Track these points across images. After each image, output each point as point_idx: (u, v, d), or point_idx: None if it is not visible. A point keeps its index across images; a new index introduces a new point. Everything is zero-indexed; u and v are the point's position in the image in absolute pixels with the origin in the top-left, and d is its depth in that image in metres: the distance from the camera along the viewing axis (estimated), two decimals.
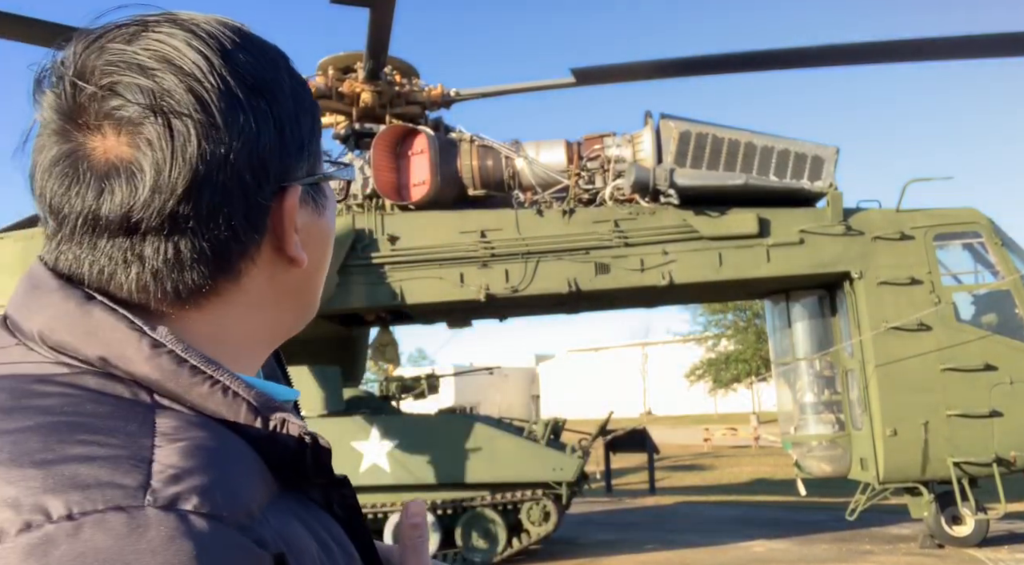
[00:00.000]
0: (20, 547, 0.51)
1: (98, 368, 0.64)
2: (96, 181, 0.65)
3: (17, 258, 9.56)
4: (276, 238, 0.73)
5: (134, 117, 0.65)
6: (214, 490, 0.57)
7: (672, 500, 15.59)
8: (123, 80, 0.65)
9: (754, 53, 9.26)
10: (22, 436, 0.57)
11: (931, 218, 9.36)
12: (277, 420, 0.67)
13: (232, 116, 0.67)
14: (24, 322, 0.68)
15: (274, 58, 0.74)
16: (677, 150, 9.25)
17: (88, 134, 0.66)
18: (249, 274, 0.72)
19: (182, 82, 0.66)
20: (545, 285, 9.31)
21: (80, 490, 0.54)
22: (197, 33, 0.68)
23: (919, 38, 8.90)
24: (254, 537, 0.58)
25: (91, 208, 0.66)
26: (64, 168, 0.66)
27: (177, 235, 0.66)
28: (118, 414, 0.61)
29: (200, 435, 0.61)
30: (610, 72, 9.68)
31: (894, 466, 8.92)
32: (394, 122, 9.83)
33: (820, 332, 9.93)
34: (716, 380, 38.13)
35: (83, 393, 0.62)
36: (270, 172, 0.70)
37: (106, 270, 0.67)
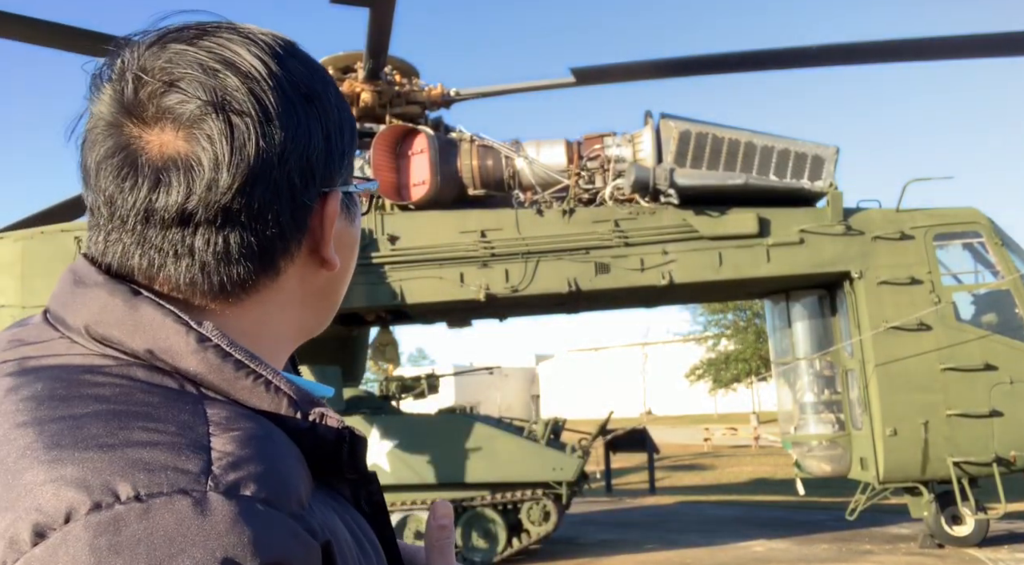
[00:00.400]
0: (91, 525, 0.53)
1: (144, 361, 0.66)
2: (153, 173, 0.67)
3: (17, 258, 9.57)
4: (314, 240, 0.76)
5: (195, 113, 0.67)
6: (270, 478, 0.60)
7: (672, 500, 15.60)
8: (185, 77, 0.68)
9: (754, 53, 9.26)
10: (82, 422, 0.59)
11: (931, 218, 9.36)
12: (316, 414, 0.69)
13: (288, 119, 0.70)
14: (68, 316, 0.69)
15: (322, 72, 0.78)
16: (677, 150, 9.24)
17: (146, 128, 0.68)
18: (287, 273, 0.75)
19: (243, 83, 0.69)
20: (545, 285, 9.30)
21: (146, 473, 0.56)
22: (255, 40, 0.72)
23: (919, 38, 8.90)
24: (305, 526, 0.60)
25: (147, 200, 0.68)
26: (120, 160, 0.68)
27: (228, 229, 0.69)
28: (170, 404, 0.63)
29: (250, 426, 0.63)
30: (610, 72, 9.68)
31: (894, 466, 8.92)
32: (394, 122, 9.83)
33: (820, 332, 9.93)
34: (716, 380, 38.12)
35: (133, 383, 0.64)
36: (316, 176, 0.74)
37: (156, 262, 0.69)
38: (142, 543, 0.53)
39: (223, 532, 0.54)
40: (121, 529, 0.53)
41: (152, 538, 0.53)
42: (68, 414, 0.60)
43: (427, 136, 9.47)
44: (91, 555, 0.52)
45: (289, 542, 0.58)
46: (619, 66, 9.46)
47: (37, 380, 0.64)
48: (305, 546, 0.59)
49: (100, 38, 8.01)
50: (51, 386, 0.63)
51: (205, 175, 0.67)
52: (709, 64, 9.64)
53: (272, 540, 0.56)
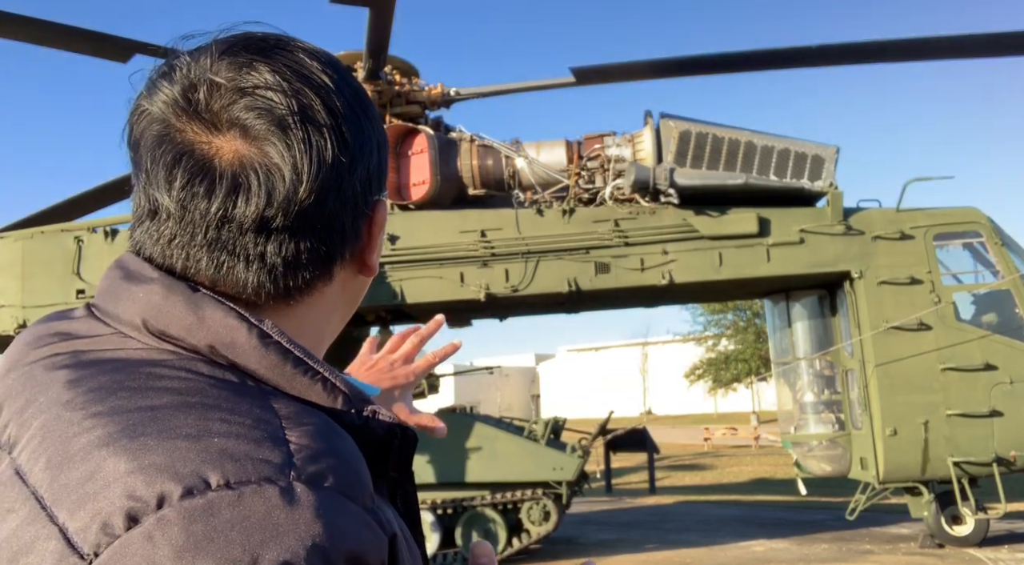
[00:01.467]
0: (185, 510, 0.54)
1: (204, 356, 0.68)
2: (231, 180, 0.68)
3: (17, 258, 9.57)
4: (360, 246, 0.78)
5: (274, 123, 0.69)
6: (346, 471, 0.62)
7: (672, 500, 15.60)
8: (262, 87, 0.70)
9: (754, 53, 9.26)
10: (161, 412, 0.60)
11: (931, 218, 9.36)
12: (369, 411, 0.71)
13: (356, 131, 0.74)
14: (121, 311, 0.70)
15: (363, 87, 0.80)
16: (677, 150, 9.24)
17: (217, 134, 0.69)
18: (338, 278, 0.77)
19: (318, 96, 0.71)
20: (545, 285, 9.30)
21: (233, 462, 0.57)
22: (319, 56, 0.75)
23: (919, 38, 8.90)
24: (376, 518, 0.62)
25: (223, 206, 0.69)
26: (193, 165, 0.69)
27: (300, 236, 0.71)
28: (240, 397, 0.64)
29: (317, 421, 0.65)
30: (610, 72, 9.67)
31: (894, 466, 8.92)
32: (394, 122, 9.83)
33: (820, 332, 9.93)
34: (716, 380, 38.17)
35: (200, 377, 0.65)
36: (373, 184, 0.78)
37: (225, 265, 0.70)
38: (235, 529, 0.54)
39: (310, 521, 0.56)
40: (215, 515, 0.54)
41: (245, 524, 0.54)
42: (145, 404, 0.61)
43: (427, 136, 9.47)
44: (187, 539, 0.53)
45: (366, 533, 0.60)
46: (619, 66, 9.45)
47: (100, 372, 0.65)
48: (378, 538, 0.61)
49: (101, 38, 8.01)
50: (118, 378, 0.64)
51: (286, 184, 0.69)
52: (709, 64, 9.63)
53: (353, 530, 0.58)
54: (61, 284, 9.32)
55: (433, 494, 9.53)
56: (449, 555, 9.69)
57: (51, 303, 9.09)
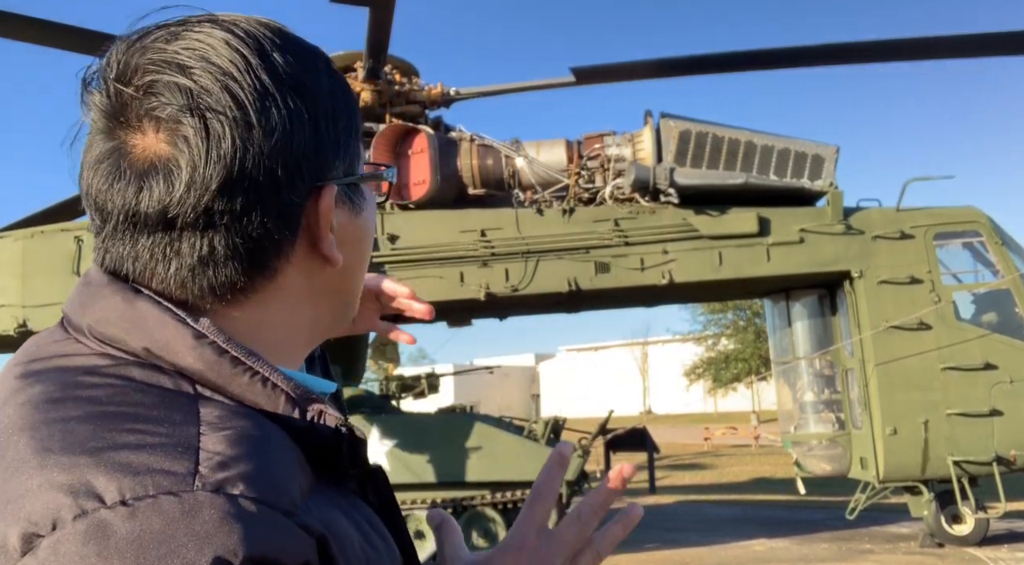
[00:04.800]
0: (78, 533, 0.53)
1: (143, 359, 0.66)
2: (136, 178, 0.67)
3: (17, 258, 9.56)
4: (311, 237, 0.74)
5: (172, 115, 0.66)
6: (259, 476, 0.59)
7: (672, 499, 15.60)
8: (162, 79, 0.67)
9: (754, 52, 9.25)
10: (71, 425, 0.59)
11: (931, 217, 9.36)
12: (315, 411, 0.69)
13: (267, 115, 0.68)
14: (75, 317, 0.70)
15: (313, 58, 0.75)
16: (677, 149, 9.24)
17: (130, 132, 0.68)
18: (285, 272, 0.73)
19: (218, 80, 0.67)
20: (545, 284, 9.30)
21: (132, 476, 0.56)
22: (235, 32, 0.70)
23: (919, 38, 8.90)
24: (299, 522, 0.60)
25: (131, 204, 0.67)
26: (107, 165, 0.68)
27: (211, 232, 0.68)
28: (163, 404, 0.63)
29: (243, 424, 0.63)
30: (610, 71, 9.67)
31: (894, 465, 8.92)
32: (394, 121, 9.83)
33: (820, 331, 9.92)
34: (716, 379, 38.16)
35: (129, 384, 0.64)
36: (305, 171, 0.71)
37: (147, 266, 0.69)
38: (131, 546, 0.53)
39: (211, 531, 0.54)
40: (108, 534, 0.53)
41: (140, 541, 0.53)
42: (59, 417, 0.60)
43: (427, 135, 9.47)
44: (80, 562, 0.52)
45: (278, 539, 0.57)
46: (619, 66, 9.45)
47: (36, 383, 0.65)
48: (297, 542, 0.59)
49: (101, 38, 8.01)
50: (47, 389, 0.64)
51: (183, 178, 0.66)
52: (709, 63, 9.63)
53: (260, 537, 0.56)
54: (61, 284, 9.31)
55: (433, 494, 9.53)
56: None
57: (51, 303, 9.08)
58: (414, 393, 11.98)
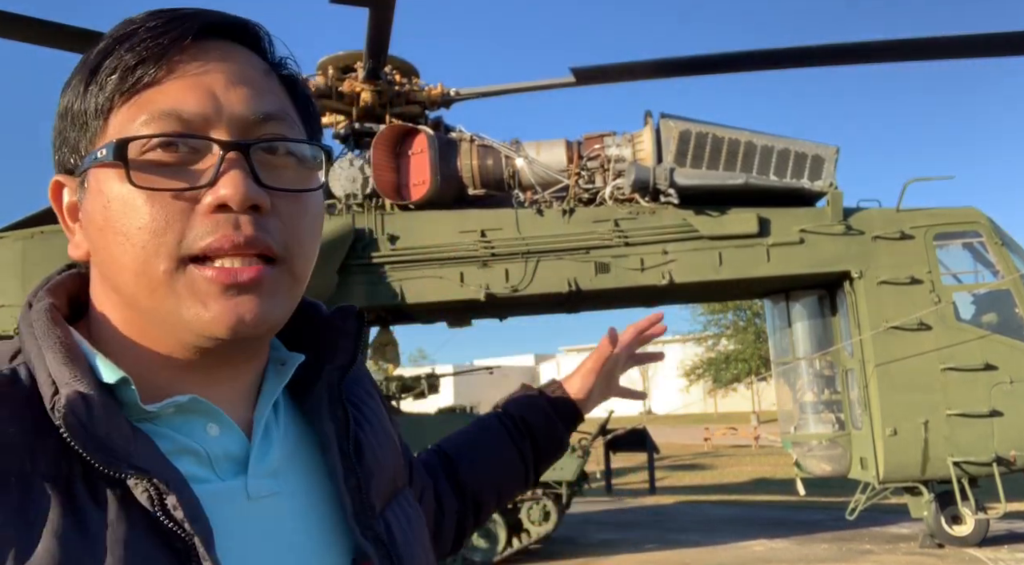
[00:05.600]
0: None
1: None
2: None
3: (17, 258, 9.56)
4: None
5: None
6: None
7: (672, 499, 15.59)
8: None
9: (755, 53, 9.25)
10: None
11: (931, 218, 9.36)
12: (64, 392, 0.67)
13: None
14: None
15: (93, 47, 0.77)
16: (677, 149, 9.24)
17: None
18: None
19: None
20: (545, 285, 9.30)
21: None
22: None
23: (919, 38, 8.89)
24: None
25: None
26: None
27: None
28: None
29: None
30: (610, 72, 9.67)
31: (894, 465, 8.91)
32: (394, 122, 9.82)
33: (820, 331, 9.92)
34: (716, 379, 38.13)
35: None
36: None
37: None
38: None
39: None
40: None
41: None
42: None
43: (427, 136, 9.46)
44: None
45: None
46: (619, 66, 9.44)
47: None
48: None
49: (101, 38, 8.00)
50: None
51: None
52: (709, 64, 9.62)
53: None
54: None
55: None
56: None
57: None
58: (414, 394, 11.97)
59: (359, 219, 9.43)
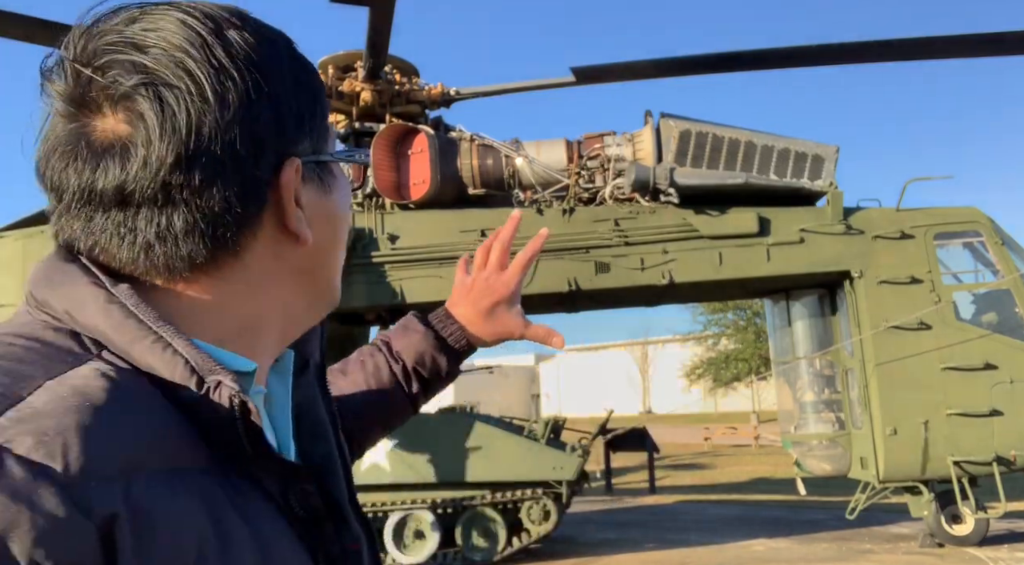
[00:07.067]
0: None
1: (62, 323, 0.67)
2: (93, 157, 0.67)
3: (17, 258, 9.56)
4: (279, 214, 0.74)
5: (127, 92, 0.66)
6: (56, 438, 0.56)
7: (672, 499, 15.59)
8: (118, 58, 0.67)
9: (754, 52, 9.25)
10: None
11: (931, 217, 9.36)
12: (212, 382, 0.65)
13: (223, 90, 0.68)
14: (28, 287, 0.73)
15: (272, 39, 0.75)
16: (677, 149, 9.24)
17: (91, 114, 0.68)
18: (251, 249, 0.73)
19: (173, 57, 0.67)
20: (545, 284, 9.29)
21: None
22: (192, 13, 0.70)
23: (919, 38, 8.89)
24: (77, 497, 0.55)
25: (87, 182, 0.68)
26: (65, 147, 0.69)
27: (170, 208, 0.68)
28: (31, 359, 0.62)
29: (98, 384, 0.61)
30: (610, 71, 9.66)
31: (894, 465, 8.91)
32: (394, 121, 9.82)
33: (820, 331, 9.92)
34: (716, 379, 38.14)
35: (27, 342, 0.64)
36: (267, 146, 0.71)
37: (100, 243, 0.69)
38: None
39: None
40: None
41: None
42: None
43: (427, 135, 9.46)
44: None
45: (35, 511, 0.53)
46: (619, 66, 9.44)
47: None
48: (60, 520, 0.54)
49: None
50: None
51: (139, 154, 0.66)
52: (709, 63, 9.62)
53: (14, 507, 0.52)
54: None
55: (433, 494, 9.53)
56: (449, 555, 9.69)
57: None
58: None
59: (359, 218, 9.43)
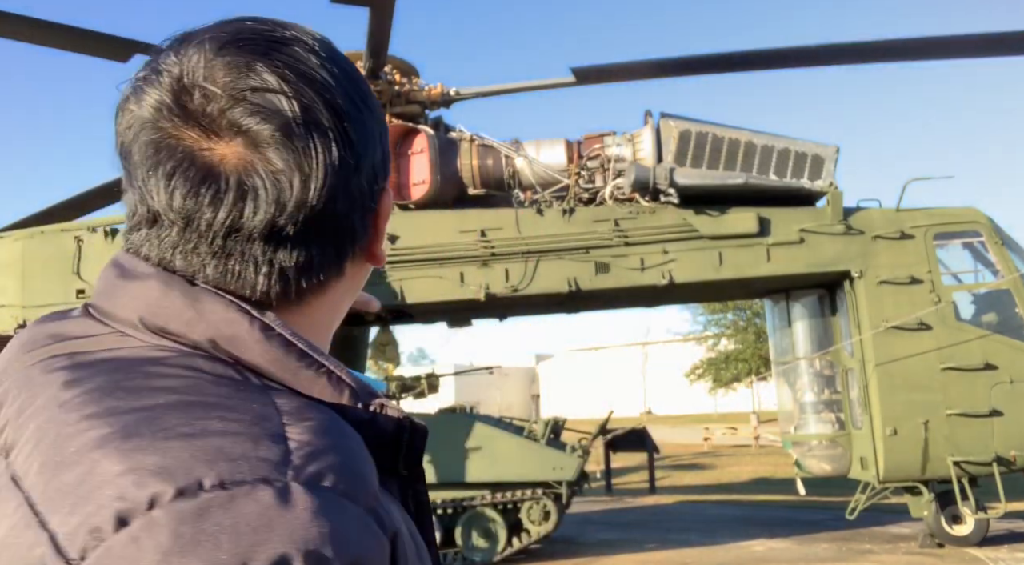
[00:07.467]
0: (175, 512, 0.52)
1: (205, 352, 0.66)
2: (237, 188, 0.66)
3: (17, 258, 9.56)
4: (370, 239, 0.77)
5: (278, 128, 0.66)
6: (347, 470, 0.59)
7: (672, 499, 15.59)
8: (260, 90, 0.67)
9: (754, 53, 9.25)
10: (157, 412, 0.59)
11: (931, 217, 9.36)
12: (376, 404, 0.69)
13: (360, 129, 0.71)
14: (118, 309, 0.69)
15: (362, 76, 0.77)
16: (677, 149, 9.24)
17: (216, 140, 0.67)
18: (348, 272, 0.76)
19: (321, 96, 0.68)
20: (545, 284, 9.30)
21: (228, 462, 0.55)
22: (319, 49, 0.71)
23: (919, 38, 8.89)
24: (377, 519, 0.60)
25: (230, 215, 0.66)
26: (196, 174, 0.66)
27: (311, 241, 0.69)
28: (239, 393, 0.63)
29: (321, 416, 0.63)
30: (610, 71, 9.66)
31: (894, 465, 8.92)
32: (394, 121, 9.83)
33: (820, 331, 9.92)
34: (716, 379, 38.11)
35: (199, 374, 0.64)
36: (378, 178, 0.75)
37: (231, 273, 0.69)
38: (226, 532, 0.52)
39: (306, 524, 0.54)
40: (205, 517, 0.52)
41: (236, 527, 0.52)
42: (140, 404, 0.60)
43: (427, 136, 9.47)
44: (174, 542, 0.51)
45: (366, 537, 0.57)
46: (619, 66, 9.44)
47: (97, 373, 0.64)
48: (379, 541, 0.59)
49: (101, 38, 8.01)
50: (115, 377, 0.63)
51: (294, 191, 0.66)
52: (709, 64, 9.63)
53: (352, 535, 0.56)
54: (61, 284, 9.32)
55: (433, 494, 9.52)
56: (449, 555, 9.69)
57: (51, 303, 9.08)
58: (414, 393, 11.98)
59: None
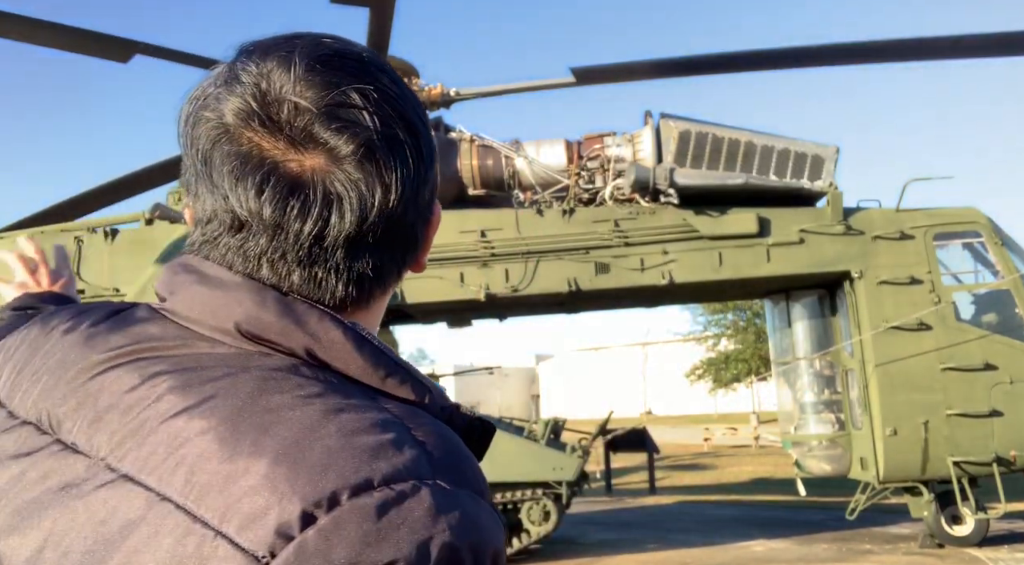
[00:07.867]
0: (357, 510, 0.57)
1: (302, 359, 0.70)
2: (323, 199, 0.69)
3: None
4: (422, 247, 0.82)
5: (363, 143, 0.70)
6: (475, 470, 0.66)
7: (672, 500, 15.59)
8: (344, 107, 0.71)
9: (754, 53, 9.25)
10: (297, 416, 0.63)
11: (931, 218, 9.36)
12: (452, 405, 0.74)
13: (427, 143, 0.76)
14: (206, 316, 0.72)
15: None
16: (677, 149, 9.24)
17: (305, 152, 0.70)
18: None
19: (398, 114, 0.73)
20: (545, 285, 9.30)
21: (385, 462, 0.60)
22: (387, 69, 0.76)
23: (919, 38, 8.90)
24: (497, 512, 0.67)
25: (317, 224, 0.70)
26: (286, 184, 0.69)
27: (386, 249, 0.74)
28: (356, 399, 0.67)
29: (428, 421, 0.68)
30: (610, 72, 9.66)
31: (894, 465, 8.92)
32: None
33: (820, 332, 9.93)
34: (716, 380, 38.11)
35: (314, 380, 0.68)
36: (435, 192, 0.81)
37: (315, 280, 0.72)
38: (406, 525, 0.57)
39: (464, 523, 0.60)
40: (382, 514, 0.57)
41: (411, 521, 0.57)
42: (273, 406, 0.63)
43: None
44: (362, 537, 0.56)
45: (499, 529, 0.64)
46: (619, 66, 9.44)
47: (211, 378, 0.67)
48: (504, 532, 0.65)
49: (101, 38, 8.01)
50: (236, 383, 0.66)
51: (377, 202, 0.71)
52: (709, 64, 9.63)
53: (493, 528, 0.63)
54: None
55: None
56: None
57: None
58: None
59: None
